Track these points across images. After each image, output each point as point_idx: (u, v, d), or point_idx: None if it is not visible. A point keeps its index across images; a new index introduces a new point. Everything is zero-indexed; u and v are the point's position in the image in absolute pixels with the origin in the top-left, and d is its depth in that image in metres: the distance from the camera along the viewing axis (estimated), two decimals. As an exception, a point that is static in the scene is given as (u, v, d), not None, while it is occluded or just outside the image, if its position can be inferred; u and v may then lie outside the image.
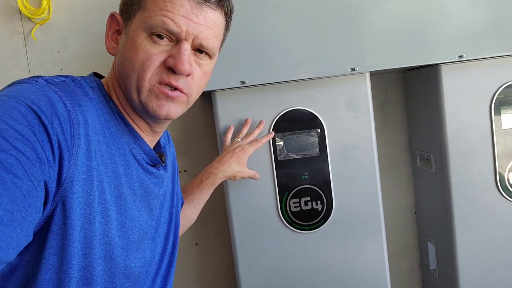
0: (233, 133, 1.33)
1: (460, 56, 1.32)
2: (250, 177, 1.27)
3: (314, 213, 1.36)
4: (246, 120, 1.31)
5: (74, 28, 1.60)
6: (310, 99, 1.34)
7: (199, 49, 0.73)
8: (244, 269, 1.37)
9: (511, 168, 1.40)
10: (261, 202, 1.35)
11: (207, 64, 0.76)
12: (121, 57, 0.73)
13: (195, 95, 0.77)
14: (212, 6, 0.72)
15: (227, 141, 1.30)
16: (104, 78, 0.79)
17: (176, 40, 0.70)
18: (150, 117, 0.75)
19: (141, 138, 0.78)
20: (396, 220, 1.77)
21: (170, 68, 0.70)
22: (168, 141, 0.97)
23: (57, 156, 0.59)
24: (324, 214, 1.36)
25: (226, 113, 1.33)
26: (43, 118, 0.58)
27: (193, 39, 0.71)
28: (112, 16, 0.76)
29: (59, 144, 0.59)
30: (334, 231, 1.37)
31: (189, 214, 1.16)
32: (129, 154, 0.74)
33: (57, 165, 0.59)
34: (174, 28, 0.69)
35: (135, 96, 0.72)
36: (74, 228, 0.62)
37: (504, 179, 1.40)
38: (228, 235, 1.40)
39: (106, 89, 0.76)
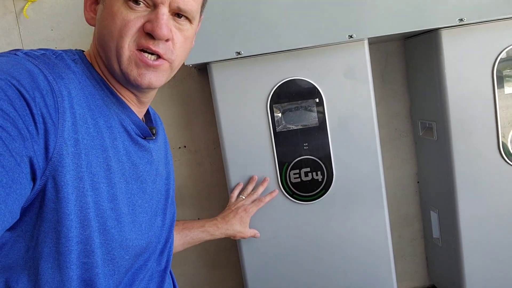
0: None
1: (461, 20, 1.28)
2: (251, 236, 1.32)
3: (314, 184, 1.35)
4: (252, 177, 1.34)
5: (66, 5, 1.57)
6: (308, 68, 1.31)
7: (178, 14, 0.71)
8: (246, 241, 1.37)
9: (514, 134, 1.38)
10: (261, 174, 1.34)
11: (187, 29, 0.74)
12: (99, 27, 0.71)
13: (178, 61, 0.75)
14: None
15: (233, 197, 1.33)
16: (87, 50, 0.77)
17: (153, 4, 0.69)
18: (133, 87, 0.74)
19: (130, 109, 0.76)
20: (398, 191, 1.76)
21: (149, 34, 0.68)
22: (160, 123, 0.96)
23: (41, 130, 0.58)
24: (324, 184, 1.35)
25: (223, 85, 1.31)
26: (24, 92, 0.56)
27: (170, 3, 0.69)
28: None
29: (43, 118, 0.58)
30: (335, 202, 1.36)
31: (176, 246, 1.12)
32: (117, 126, 0.73)
33: (42, 140, 0.58)
34: None
35: (115, 66, 0.70)
36: (68, 201, 0.61)
37: (507, 144, 1.39)
38: (229, 209, 1.40)
39: (89, 60, 0.74)
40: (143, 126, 0.79)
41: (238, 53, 1.25)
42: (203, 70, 1.60)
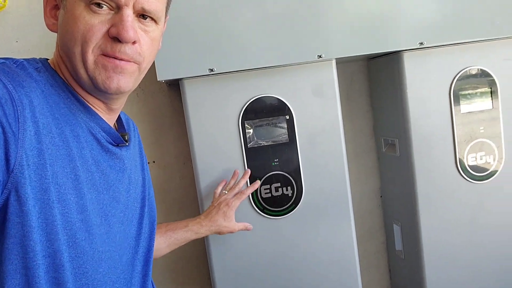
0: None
1: (421, 43, 1.37)
2: (241, 230, 1.29)
3: (284, 198, 1.38)
4: (234, 171, 1.33)
5: (32, 15, 1.54)
6: (279, 86, 1.35)
7: (143, 15, 0.70)
8: (217, 256, 1.37)
9: (469, 151, 1.47)
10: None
11: (153, 30, 0.73)
12: (62, 32, 0.69)
13: (145, 63, 0.74)
14: None
15: (216, 194, 1.30)
16: (51, 58, 0.75)
17: (117, 7, 0.67)
18: (101, 93, 0.72)
19: (99, 116, 0.74)
20: (362, 205, 1.82)
21: (115, 38, 0.67)
22: (133, 129, 0.94)
23: (1, 141, 0.56)
24: (294, 199, 1.38)
25: (195, 101, 1.32)
26: None
27: (134, 4, 0.68)
28: None
29: (3, 128, 0.56)
30: (304, 216, 1.40)
31: (161, 248, 1.13)
32: (85, 135, 0.71)
33: (2, 151, 0.56)
34: None
35: (81, 71, 0.68)
36: (32, 214, 0.60)
37: (464, 161, 1.47)
38: (199, 224, 1.40)
39: (54, 68, 0.72)
40: (114, 133, 0.77)
41: (211, 70, 1.27)
42: (173, 85, 1.61)
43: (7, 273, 0.60)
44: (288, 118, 1.36)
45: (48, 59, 0.75)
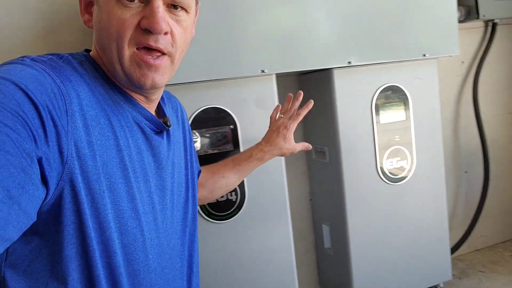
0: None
1: (349, 62, 1.55)
2: (302, 150, 1.31)
3: (229, 204, 1.46)
4: (288, 95, 1.31)
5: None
6: (225, 98, 1.44)
7: (173, 5, 0.71)
8: (165, 262, 1.41)
9: (388, 156, 1.69)
10: (180, 196, 1.41)
11: (185, 19, 0.74)
12: (96, 29, 0.71)
13: (179, 54, 0.75)
14: None
15: (272, 118, 1.31)
16: (92, 52, 0.76)
17: None
18: (137, 88, 0.73)
19: (140, 105, 0.76)
20: (293, 208, 1.96)
21: (147, 29, 0.68)
22: (174, 107, 0.95)
23: (52, 133, 0.58)
24: (238, 204, 1.47)
25: (145, 111, 1.36)
26: (32, 96, 0.56)
27: None
28: None
29: (53, 121, 0.58)
30: (247, 219, 1.49)
31: (233, 181, 1.20)
32: (130, 125, 0.73)
33: (54, 143, 0.58)
34: None
35: (118, 67, 0.70)
36: (85, 202, 0.63)
37: (383, 166, 1.68)
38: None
39: (95, 61, 0.74)
40: (157, 121, 0.78)
41: (162, 81, 1.32)
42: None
43: (70, 257, 0.63)
44: (232, 127, 1.45)
45: (90, 51, 0.76)
